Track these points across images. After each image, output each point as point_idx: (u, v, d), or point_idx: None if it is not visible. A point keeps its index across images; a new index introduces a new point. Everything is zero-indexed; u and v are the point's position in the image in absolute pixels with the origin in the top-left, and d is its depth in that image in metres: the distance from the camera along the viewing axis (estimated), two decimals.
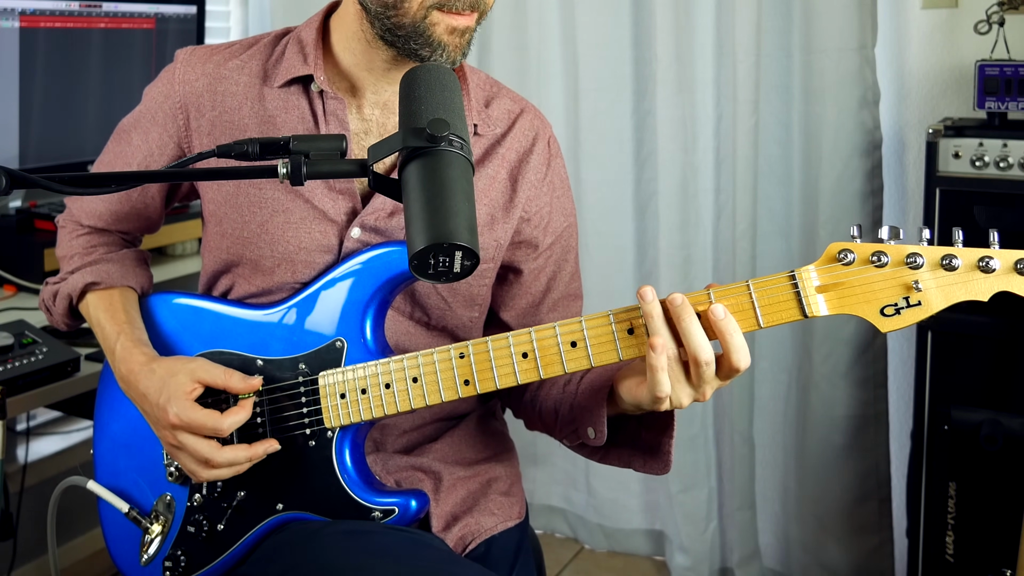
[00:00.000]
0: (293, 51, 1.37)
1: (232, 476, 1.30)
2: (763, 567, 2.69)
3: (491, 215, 1.38)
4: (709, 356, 1.10)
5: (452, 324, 1.41)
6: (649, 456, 1.28)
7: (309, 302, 1.34)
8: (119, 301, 1.43)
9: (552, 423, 1.36)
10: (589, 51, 2.66)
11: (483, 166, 1.38)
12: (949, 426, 2.10)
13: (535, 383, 1.39)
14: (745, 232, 2.50)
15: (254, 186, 1.36)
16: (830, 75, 2.36)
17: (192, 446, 1.27)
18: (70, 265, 1.48)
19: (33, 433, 2.47)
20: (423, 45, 1.25)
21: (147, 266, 1.52)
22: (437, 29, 1.24)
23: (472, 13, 1.25)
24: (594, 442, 1.26)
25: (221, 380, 1.29)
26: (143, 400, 1.32)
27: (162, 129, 1.41)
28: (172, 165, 1.28)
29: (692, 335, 1.10)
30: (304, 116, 1.35)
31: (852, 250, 1.12)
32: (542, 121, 1.46)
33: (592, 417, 1.25)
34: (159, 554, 1.37)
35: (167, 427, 1.28)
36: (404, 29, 1.25)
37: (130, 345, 1.36)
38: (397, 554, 1.24)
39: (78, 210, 1.50)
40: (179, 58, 1.42)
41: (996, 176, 2.06)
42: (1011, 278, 1.08)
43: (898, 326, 1.12)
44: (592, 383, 1.28)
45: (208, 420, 1.26)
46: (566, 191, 1.47)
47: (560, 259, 1.46)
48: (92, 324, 1.44)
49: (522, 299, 1.45)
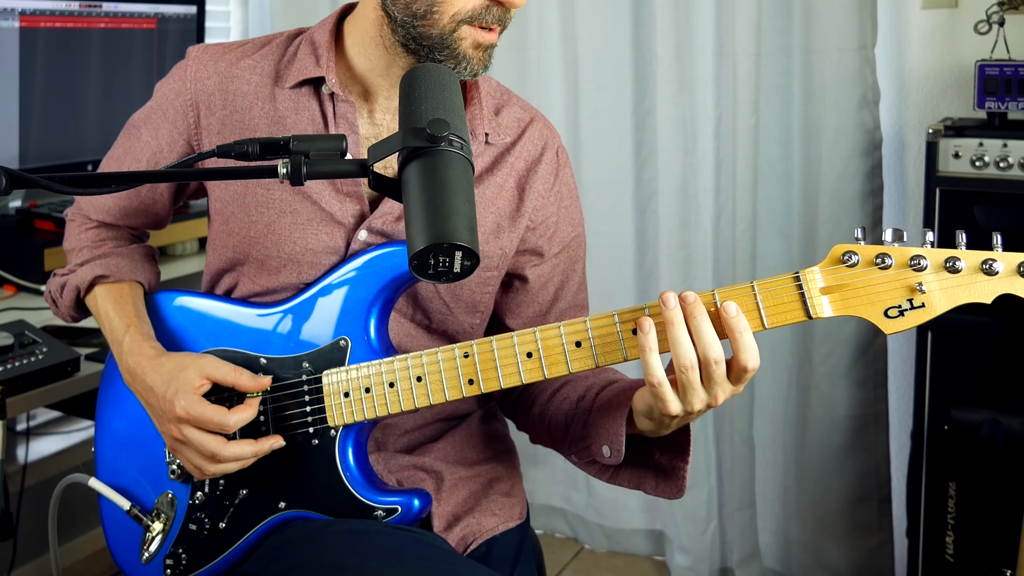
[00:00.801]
0: (305, 52, 1.37)
1: (235, 471, 1.30)
2: (763, 567, 2.69)
3: (497, 223, 1.38)
4: (719, 354, 1.10)
5: (453, 329, 1.41)
6: (662, 479, 1.26)
7: (313, 301, 1.34)
8: (128, 295, 1.43)
9: (561, 439, 1.34)
10: (589, 51, 2.66)
11: (491, 174, 1.38)
12: (949, 426, 2.10)
13: (545, 396, 1.39)
14: (745, 232, 2.50)
15: (262, 186, 1.36)
16: (830, 75, 2.37)
17: (198, 440, 1.27)
18: (79, 257, 1.48)
19: (33, 433, 2.47)
20: (448, 57, 1.26)
21: (155, 262, 1.53)
22: (464, 44, 1.25)
23: (498, 27, 1.27)
24: (609, 460, 1.24)
25: (231, 378, 1.29)
26: (149, 393, 1.31)
27: (172, 126, 1.41)
28: (172, 165, 1.29)
29: (703, 333, 1.10)
30: (314, 118, 1.35)
31: (856, 252, 1.12)
32: (551, 131, 1.46)
33: (608, 435, 1.23)
34: (160, 552, 1.37)
35: (172, 420, 1.28)
36: (430, 40, 1.25)
37: (140, 338, 1.36)
38: (399, 554, 1.23)
39: (87, 204, 1.50)
40: (191, 55, 1.42)
41: (996, 176, 2.06)
42: (1014, 280, 1.09)
43: (902, 328, 1.12)
44: (609, 400, 1.27)
45: (215, 415, 1.26)
46: (574, 201, 1.46)
47: (567, 269, 1.46)
48: (99, 317, 1.44)
49: (529, 307, 1.44)
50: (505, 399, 1.48)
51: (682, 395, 1.11)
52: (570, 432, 1.32)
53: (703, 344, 1.10)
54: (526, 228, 1.40)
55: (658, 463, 1.26)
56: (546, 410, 1.38)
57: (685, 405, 1.11)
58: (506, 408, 1.50)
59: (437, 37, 1.25)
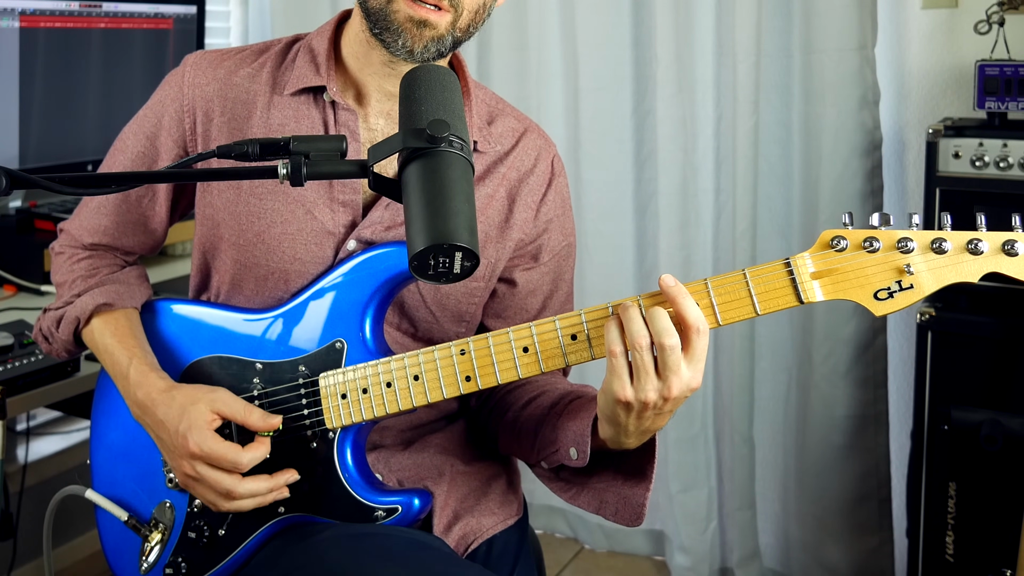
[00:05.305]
0: (304, 60, 1.37)
1: (254, 508, 1.28)
2: (763, 567, 2.69)
3: (486, 234, 1.37)
4: (673, 341, 1.09)
5: (439, 337, 1.40)
6: (622, 504, 1.25)
7: (307, 305, 1.33)
8: (125, 325, 1.40)
9: (530, 445, 1.33)
10: (589, 51, 2.66)
11: (482, 184, 1.38)
12: (949, 426, 2.09)
13: (519, 405, 1.38)
14: (745, 232, 2.50)
15: (255, 196, 1.35)
16: (830, 75, 2.36)
17: (212, 477, 1.26)
18: (73, 289, 1.43)
19: (33, 433, 2.47)
20: (384, 29, 1.27)
21: (147, 281, 1.50)
22: (398, 16, 1.25)
23: (442, 12, 1.25)
24: (576, 463, 1.24)
25: (240, 416, 1.28)
26: (161, 428, 1.30)
27: (167, 133, 1.40)
28: (172, 165, 1.28)
29: (657, 319, 1.10)
30: (315, 127, 1.35)
31: (845, 236, 1.15)
32: (545, 141, 1.46)
33: (575, 436, 1.23)
34: (159, 562, 1.36)
35: (185, 456, 1.27)
36: (374, 16, 1.27)
37: (145, 369, 1.33)
38: (399, 556, 1.23)
39: (78, 229, 1.47)
40: (188, 62, 1.41)
41: (996, 176, 2.06)
42: (999, 259, 1.12)
43: (891, 309, 1.15)
44: (579, 406, 1.27)
45: (229, 453, 1.25)
46: (566, 211, 1.46)
47: (556, 278, 1.45)
48: (98, 350, 1.40)
49: (517, 316, 1.43)
50: (482, 408, 1.47)
51: (635, 379, 1.11)
52: (539, 437, 1.31)
53: (656, 329, 1.09)
54: (517, 241, 1.39)
55: (620, 489, 1.26)
56: (519, 416, 1.37)
57: (638, 392, 1.11)
58: (481, 416, 1.48)
59: (377, 11, 1.26)
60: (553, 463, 1.30)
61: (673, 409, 1.14)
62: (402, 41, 1.26)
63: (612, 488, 1.26)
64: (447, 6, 1.25)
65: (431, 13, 1.25)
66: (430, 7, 1.25)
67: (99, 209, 1.45)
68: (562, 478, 1.32)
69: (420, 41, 1.26)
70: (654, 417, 1.14)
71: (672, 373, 1.10)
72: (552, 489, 1.34)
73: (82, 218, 1.47)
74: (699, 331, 1.11)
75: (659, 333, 1.09)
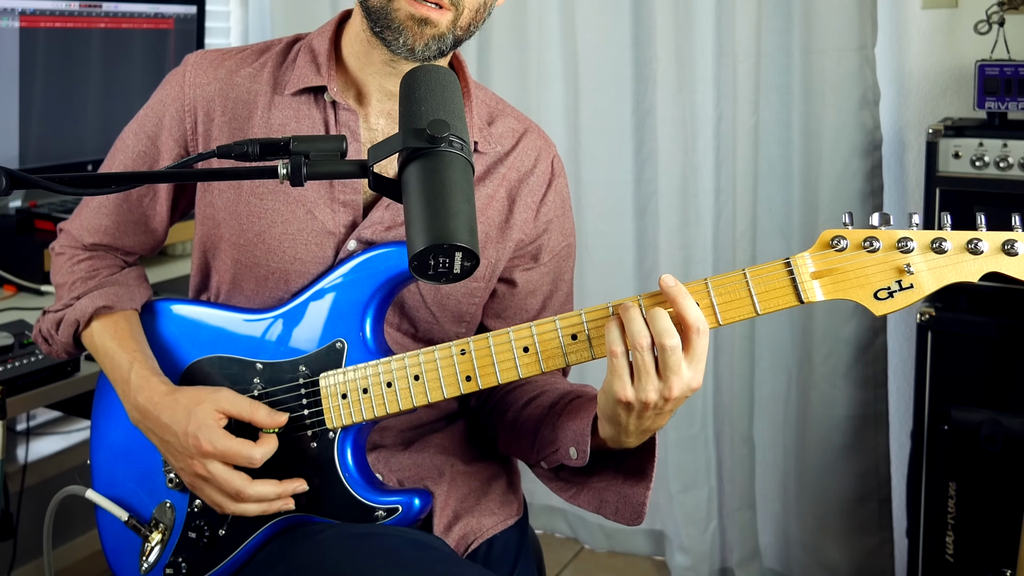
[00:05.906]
0: (305, 60, 1.37)
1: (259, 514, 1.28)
2: (763, 567, 2.69)
3: (486, 234, 1.37)
4: (674, 342, 1.09)
5: (439, 338, 1.40)
6: (623, 503, 1.25)
7: (307, 305, 1.33)
8: (125, 328, 1.39)
9: (530, 445, 1.33)
10: (589, 51, 2.66)
11: (482, 184, 1.38)
12: (949, 426, 2.09)
13: (519, 405, 1.38)
14: (745, 232, 2.50)
15: (255, 195, 1.35)
16: (830, 75, 2.37)
17: (223, 477, 1.26)
18: (73, 291, 1.43)
19: (33, 433, 2.47)
20: (385, 28, 1.26)
21: (147, 282, 1.49)
22: (399, 14, 1.25)
23: (443, 10, 1.25)
24: (576, 462, 1.24)
25: (247, 413, 1.28)
26: (165, 431, 1.29)
27: (168, 133, 1.40)
28: (172, 165, 1.28)
29: (658, 320, 1.10)
30: (315, 126, 1.35)
31: (845, 236, 1.15)
32: (545, 141, 1.46)
33: (575, 436, 1.23)
34: (160, 562, 1.36)
35: (196, 456, 1.26)
36: (375, 14, 1.27)
37: (147, 374, 1.33)
38: (399, 556, 1.23)
39: (79, 229, 1.46)
40: (189, 62, 1.41)
41: (996, 176, 2.06)
42: (999, 259, 1.12)
43: (891, 309, 1.15)
44: (579, 406, 1.27)
45: (242, 449, 1.25)
46: (566, 212, 1.46)
47: (556, 278, 1.45)
48: (98, 353, 1.40)
49: (517, 316, 1.44)
50: (482, 408, 1.48)
51: (636, 379, 1.11)
52: (539, 436, 1.31)
53: (657, 329, 1.10)
54: (517, 242, 1.39)
55: (620, 488, 1.26)
56: (519, 416, 1.37)
57: (639, 392, 1.11)
58: (481, 416, 1.48)
59: (378, 9, 1.26)
60: (553, 463, 1.30)
61: (674, 409, 1.14)
62: (403, 39, 1.26)
63: (612, 487, 1.27)
64: (448, 4, 1.25)
65: (432, 11, 1.25)
66: (431, 5, 1.24)
67: (99, 209, 1.45)
68: (562, 478, 1.32)
69: (421, 39, 1.26)
70: (654, 417, 1.14)
71: (673, 373, 1.10)
72: (552, 489, 1.34)
73: (82, 218, 1.47)
74: (699, 331, 1.11)
75: (660, 333, 1.09)
